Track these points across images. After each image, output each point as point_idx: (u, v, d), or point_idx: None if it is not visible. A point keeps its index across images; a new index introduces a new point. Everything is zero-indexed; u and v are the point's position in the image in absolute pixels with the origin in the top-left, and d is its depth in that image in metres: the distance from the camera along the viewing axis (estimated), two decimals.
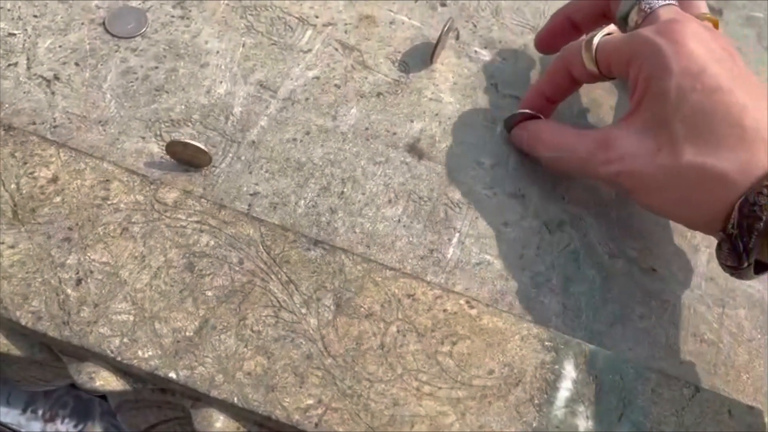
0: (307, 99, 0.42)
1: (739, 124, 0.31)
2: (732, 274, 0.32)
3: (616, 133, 0.35)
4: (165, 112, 0.40)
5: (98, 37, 0.42)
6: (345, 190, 0.39)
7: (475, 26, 0.47)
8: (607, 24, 0.39)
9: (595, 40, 0.37)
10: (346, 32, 0.45)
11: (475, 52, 0.46)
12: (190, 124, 0.40)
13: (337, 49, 0.44)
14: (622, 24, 0.39)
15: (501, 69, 0.45)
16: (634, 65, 0.34)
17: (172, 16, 0.43)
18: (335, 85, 0.43)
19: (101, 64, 0.41)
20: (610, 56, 0.36)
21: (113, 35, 0.42)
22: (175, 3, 0.44)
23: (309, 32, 0.44)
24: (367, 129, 0.41)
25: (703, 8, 0.38)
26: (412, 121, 0.42)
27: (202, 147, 0.36)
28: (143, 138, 0.39)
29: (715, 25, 0.38)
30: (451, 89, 0.44)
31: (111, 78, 0.40)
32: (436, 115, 0.43)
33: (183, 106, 0.40)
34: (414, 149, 0.41)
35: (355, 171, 0.40)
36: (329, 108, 0.42)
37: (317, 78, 0.43)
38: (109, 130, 0.38)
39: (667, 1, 0.36)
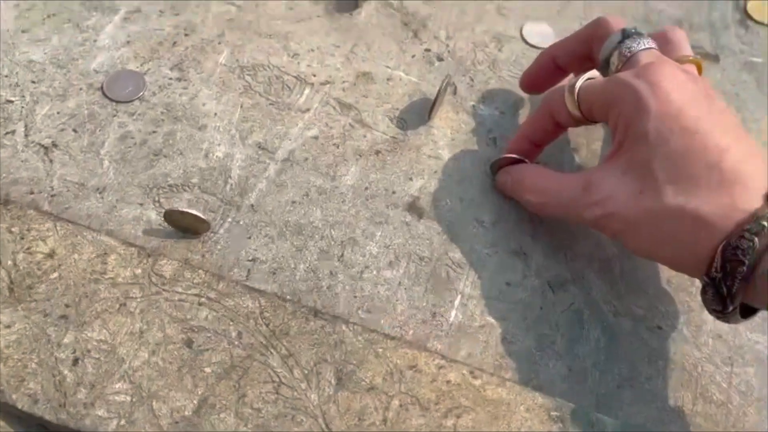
0: (305, 159, 0.42)
1: (719, 167, 0.31)
2: (718, 318, 0.32)
3: (598, 175, 0.35)
4: (163, 178, 0.40)
5: (96, 101, 0.42)
6: (345, 252, 0.39)
7: (472, 80, 0.47)
8: (591, 67, 0.40)
9: (578, 85, 0.37)
10: (343, 90, 0.45)
11: (473, 106, 0.46)
12: (188, 188, 0.39)
13: (335, 108, 0.44)
14: (604, 67, 0.39)
15: (499, 122, 0.45)
16: (614, 109, 0.35)
17: (170, 79, 0.43)
18: (334, 144, 0.42)
19: (99, 130, 0.41)
20: (592, 101, 0.36)
21: (111, 100, 0.42)
22: (173, 65, 0.44)
23: (307, 91, 0.44)
24: (366, 189, 0.41)
25: (686, 50, 0.39)
26: (411, 179, 0.42)
27: (200, 215, 0.36)
28: (141, 205, 0.38)
29: (699, 67, 0.38)
30: (449, 145, 0.44)
31: (109, 143, 0.40)
32: (435, 172, 0.42)
33: (181, 171, 0.40)
34: (414, 208, 0.41)
35: (355, 232, 0.39)
36: (328, 168, 0.41)
37: (316, 138, 0.42)
38: (107, 198, 0.38)
39: (647, 45, 0.37)
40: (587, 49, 0.40)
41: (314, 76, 0.45)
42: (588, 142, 0.45)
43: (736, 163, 0.31)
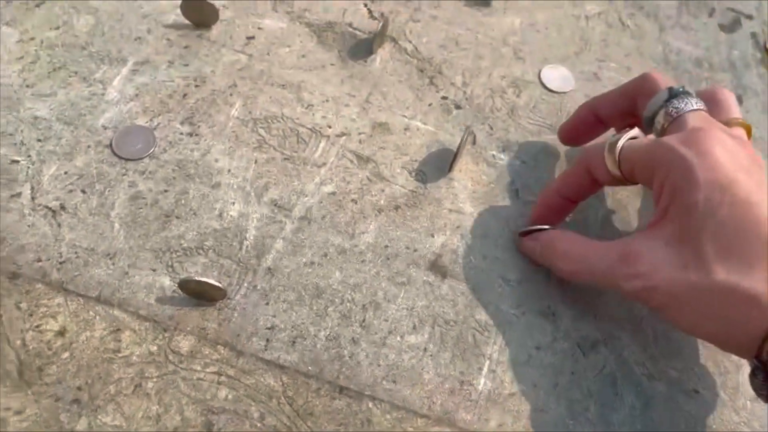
0: (323, 217, 0.40)
1: None
2: (765, 401, 0.31)
3: (639, 246, 0.33)
4: (176, 240, 0.38)
5: (105, 160, 0.40)
6: (366, 317, 0.37)
7: (491, 128, 0.45)
8: (634, 122, 0.39)
9: (619, 144, 0.36)
10: (360, 142, 0.43)
11: (493, 156, 0.44)
12: (202, 252, 0.38)
13: (352, 161, 0.42)
14: (649, 125, 0.38)
15: (520, 173, 0.44)
16: (659, 175, 0.33)
17: (181, 134, 0.42)
18: (352, 200, 0.41)
19: (108, 190, 0.39)
20: (634, 162, 0.35)
21: (120, 157, 0.40)
22: (184, 119, 0.42)
23: (322, 144, 0.43)
24: (386, 247, 0.40)
25: (735, 112, 0.37)
26: (432, 236, 0.40)
27: (216, 284, 0.35)
28: (154, 270, 0.37)
29: (748, 131, 0.37)
30: (471, 198, 0.42)
31: (119, 205, 0.39)
32: (458, 227, 0.41)
33: (194, 233, 0.38)
34: (436, 267, 0.39)
35: (376, 294, 0.38)
36: (347, 226, 0.40)
37: (333, 193, 0.41)
38: (118, 264, 0.37)
39: (695, 106, 0.35)
40: (631, 104, 0.39)
41: (329, 127, 0.44)
42: (613, 192, 0.44)
43: None
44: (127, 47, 0.45)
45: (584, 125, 0.42)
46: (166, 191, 0.40)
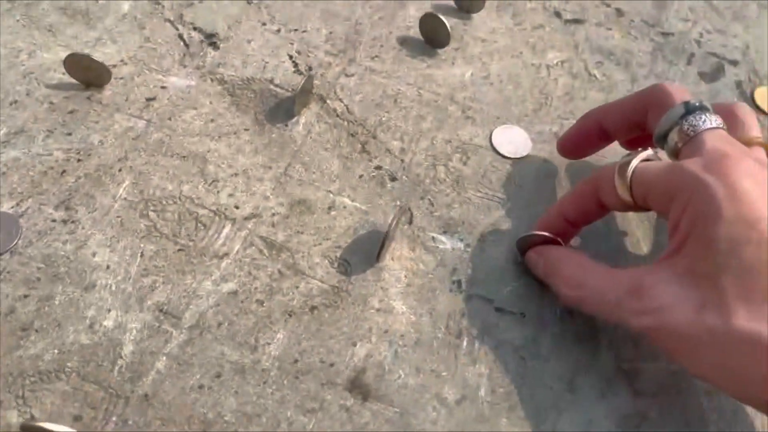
0: (219, 325, 0.33)
1: None
2: None
3: (652, 279, 0.30)
4: (31, 362, 0.31)
5: None
6: None
7: (432, 204, 0.38)
8: (641, 136, 0.36)
9: (631, 167, 0.32)
10: (273, 225, 0.36)
11: (433, 239, 0.37)
12: (63, 376, 0.31)
13: (261, 251, 0.35)
14: (660, 142, 0.34)
15: (465, 260, 0.37)
16: (678, 203, 0.30)
17: (53, 221, 0.35)
18: (257, 301, 0.34)
19: None
20: (649, 188, 0.31)
21: None
22: (59, 203, 0.35)
23: (226, 230, 0.36)
24: (296, 361, 0.32)
25: (755, 130, 0.34)
26: (354, 345, 0.33)
27: (65, 430, 0.27)
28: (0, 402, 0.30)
29: None
30: (403, 293, 0.35)
31: None
32: (386, 332, 0.34)
33: (56, 351, 0.31)
34: (357, 386, 0.32)
35: (279, 426, 0.31)
36: (248, 335, 0.33)
37: (234, 293, 0.34)
38: None
39: (714, 125, 0.32)
40: (640, 117, 0.35)
41: (237, 208, 0.37)
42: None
43: None
44: (0, 113, 0.38)
45: (587, 137, 0.38)
46: (26, 296, 0.32)
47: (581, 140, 0.39)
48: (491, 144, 0.41)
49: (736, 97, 0.47)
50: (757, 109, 0.47)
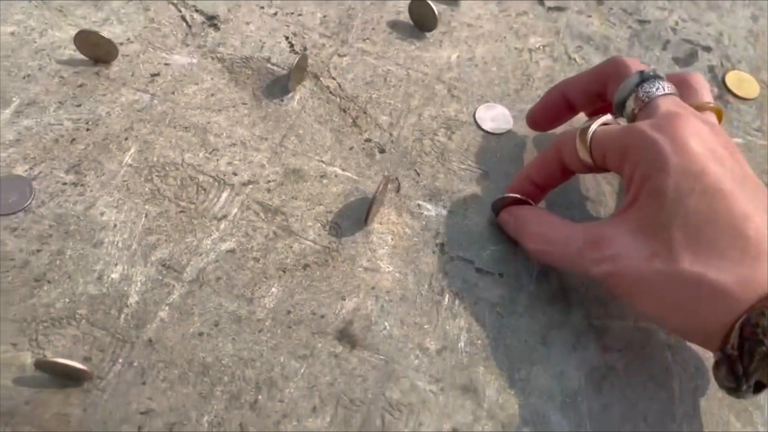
0: (218, 279, 0.35)
1: (741, 234, 0.29)
2: (730, 395, 0.30)
3: (608, 231, 0.32)
4: (44, 309, 0.33)
5: None
6: (259, 397, 0.32)
7: (418, 174, 0.41)
8: (604, 106, 0.38)
9: (591, 130, 0.34)
10: (269, 191, 0.39)
11: (418, 206, 0.40)
12: (73, 322, 0.33)
13: (257, 213, 0.38)
14: (619, 110, 0.36)
15: (448, 225, 0.39)
16: (630, 161, 0.32)
17: (64, 184, 0.37)
18: (254, 258, 0.36)
19: None
20: (605, 149, 0.34)
21: None
22: (69, 167, 0.38)
23: (225, 194, 0.38)
24: (289, 313, 0.35)
25: (707, 96, 0.36)
26: (343, 299, 0.36)
27: (77, 366, 0.30)
28: (14, 345, 0.32)
29: (719, 115, 0.36)
30: (389, 254, 0.38)
31: None
32: (372, 288, 0.36)
33: (67, 300, 0.34)
34: (345, 335, 0.35)
35: (273, 371, 0.33)
36: (245, 288, 0.35)
37: (232, 251, 0.36)
38: None
39: (666, 91, 0.34)
40: (601, 87, 0.38)
41: (235, 175, 0.39)
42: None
43: (760, 231, 0.29)
44: (13, 86, 0.40)
45: (553, 109, 0.41)
46: (39, 251, 0.35)
47: (548, 113, 0.41)
48: (475, 120, 0.44)
49: (708, 81, 0.50)
50: (728, 91, 0.49)
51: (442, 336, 0.35)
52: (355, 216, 0.39)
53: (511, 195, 0.38)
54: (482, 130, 0.44)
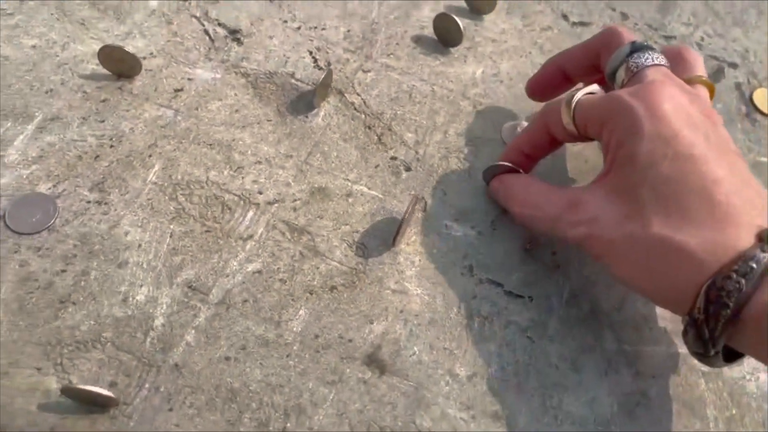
0: (245, 301, 0.35)
1: (710, 199, 0.29)
2: (700, 361, 0.31)
3: (585, 195, 0.33)
4: (69, 332, 0.33)
5: None
6: (288, 425, 0.32)
7: (444, 193, 0.40)
8: (600, 78, 0.38)
9: (575, 99, 0.35)
10: (294, 210, 0.38)
11: (446, 225, 0.39)
12: (99, 345, 0.32)
13: (283, 233, 0.37)
14: (611, 80, 0.37)
15: (476, 246, 0.39)
16: (607, 127, 0.33)
17: (88, 202, 0.37)
18: (280, 280, 0.36)
19: None
20: (587, 117, 0.34)
21: (13, 231, 0.35)
22: (93, 185, 0.37)
23: (250, 213, 0.38)
24: (317, 337, 0.34)
25: (699, 70, 0.37)
26: (371, 323, 0.35)
27: (103, 392, 0.29)
28: (39, 370, 0.31)
29: (711, 90, 0.36)
30: (417, 276, 0.37)
31: (6, 290, 0.33)
32: (401, 312, 0.36)
33: (92, 322, 0.33)
34: (374, 361, 0.34)
35: (302, 397, 0.32)
36: (272, 311, 0.35)
37: (259, 272, 0.36)
38: None
39: (656, 61, 0.35)
40: (596, 59, 0.38)
41: (260, 193, 0.39)
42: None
43: (730, 196, 0.29)
44: (36, 101, 0.40)
45: (551, 80, 0.41)
46: (63, 271, 0.34)
47: (546, 83, 0.41)
48: (501, 138, 0.43)
49: (736, 99, 0.49)
50: (756, 109, 0.49)
51: (472, 361, 0.35)
52: (382, 236, 0.38)
53: (501, 164, 0.38)
54: None
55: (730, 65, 0.51)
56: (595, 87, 0.36)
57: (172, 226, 0.37)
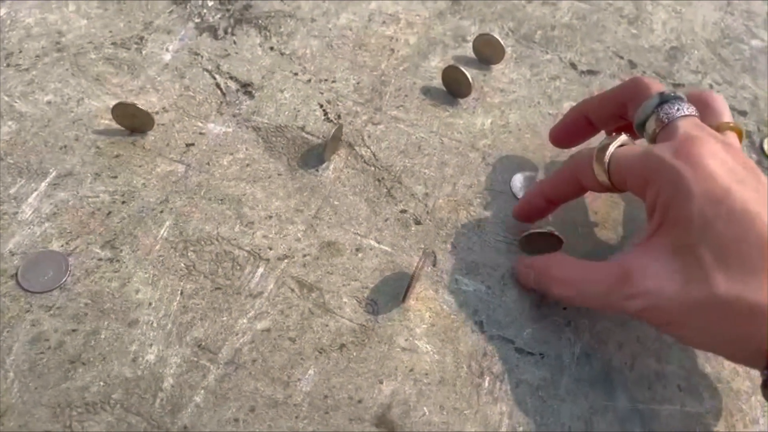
0: (254, 361, 0.35)
1: None
2: None
3: (636, 263, 0.32)
4: (78, 393, 0.33)
5: (8, 293, 0.35)
6: None
7: (454, 247, 0.40)
8: (625, 126, 0.38)
9: (608, 153, 0.35)
10: (304, 266, 0.38)
11: (456, 281, 0.39)
12: (108, 407, 0.32)
13: (293, 290, 0.37)
14: (640, 131, 0.37)
15: (487, 302, 0.39)
16: (652, 188, 0.33)
17: (100, 260, 0.37)
18: (290, 338, 0.36)
19: (7, 331, 0.34)
20: (626, 173, 0.34)
21: (26, 290, 0.35)
22: (105, 242, 0.38)
23: (260, 270, 0.38)
24: (326, 397, 0.34)
25: (726, 116, 0.36)
26: (381, 382, 0.35)
27: None
28: None
29: (740, 135, 0.36)
30: (427, 333, 0.37)
31: (17, 350, 0.34)
32: (411, 371, 0.35)
33: (102, 383, 0.33)
34: (383, 422, 0.34)
35: None
36: (281, 371, 0.35)
37: (268, 330, 0.36)
38: (7, 424, 0.31)
39: (686, 112, 0.35)
40: (620, 109, 0.38)
41: (270, 249, 0.39)
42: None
43: None
44: (50, 157, 0.41)
45: (575, 128, 0.42)
46: (74, 331, 0.34)
47: (570, 131, 0.42)
48: (511, 190, 0.43)
49: (746, 147, 0.49)
50: (766, 157, 0.48)
51: (483, 422, 0.34)
52: (391, 292, 0.38)
53: (536, 231, 0.38)
54: (518, 199, 0.43)
55: (739, 113, 0.51)
56: (625, 138, 0.36)
57: (182, 284, 0.37)
